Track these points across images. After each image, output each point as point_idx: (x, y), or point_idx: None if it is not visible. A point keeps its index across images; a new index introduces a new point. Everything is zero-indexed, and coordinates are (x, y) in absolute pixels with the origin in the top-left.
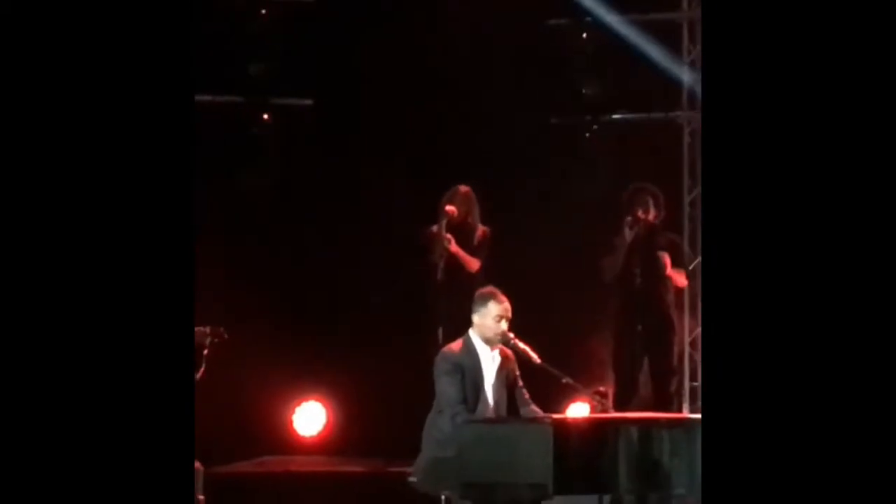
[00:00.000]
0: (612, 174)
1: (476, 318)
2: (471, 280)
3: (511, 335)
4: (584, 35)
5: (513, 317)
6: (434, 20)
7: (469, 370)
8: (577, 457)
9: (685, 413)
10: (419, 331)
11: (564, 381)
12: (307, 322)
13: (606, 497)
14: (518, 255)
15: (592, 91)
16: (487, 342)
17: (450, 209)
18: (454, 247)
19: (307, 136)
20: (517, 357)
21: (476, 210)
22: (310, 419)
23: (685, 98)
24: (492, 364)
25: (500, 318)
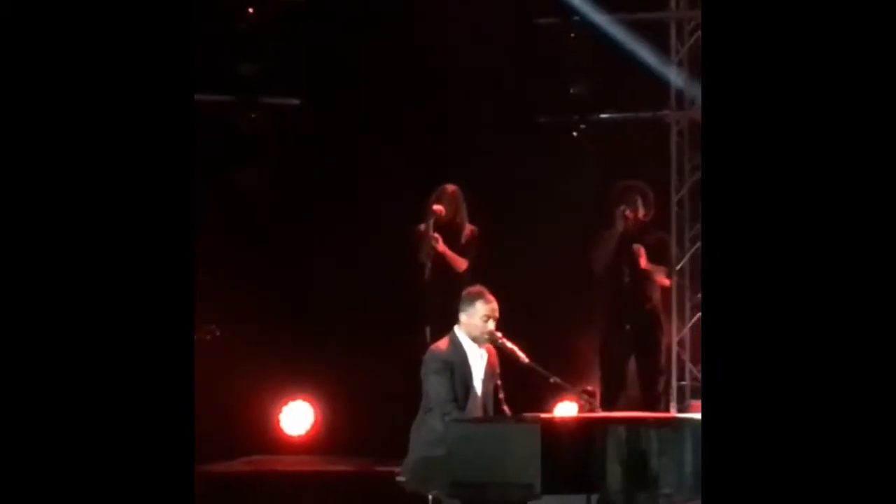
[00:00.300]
0: (600, 173)
1: (463, 318)
2: (458, 279)
3: (499, 334)
4: (573, 34)
5: (500, 316)
6: (423, 20)
7: (458, 368)
8: (565, 456)
9: (673, 412)
10: (407, 330)
11: (552, 381)
12: (295, 321)
13: (594, 496)
14: (506, 255)
15: (580, 90)
16: (475, 340)
17: (437, 208)
18: (442, 246)
19: (296, 136)
20: (505, 356)
21: (463, 209)
22: (297, 418)
23: (673, 97)
24: (480, 361)
25: (488, 318)
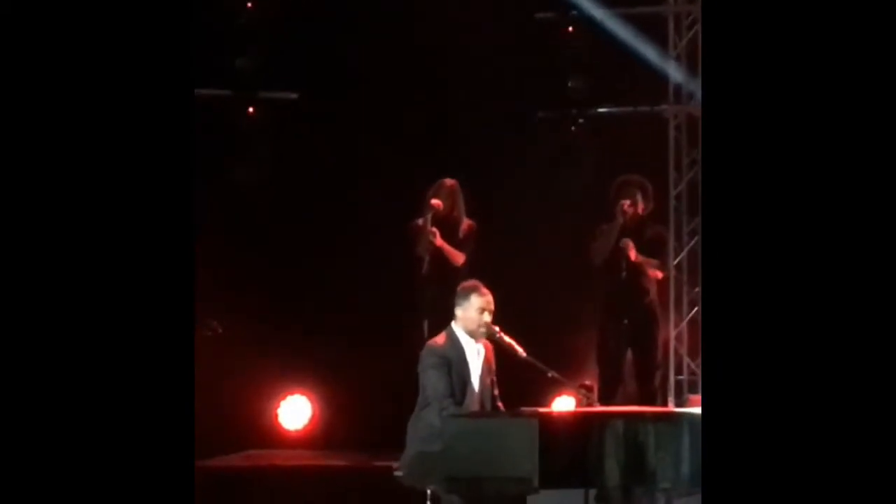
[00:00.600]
0: (598, 168)
1: (459, 312)
2: (456, 273)
3: (496, 329)
4: (571, 29)
5: (498, 310)
6: (422, 15)
7: (455, 363)
8: (563, 451)
9: (670, 407)
10: (404, 324)
11: (550, 375)
12: (292, 316)
13: (592, 491)
14: (503, 249)
15: (578, 85)
16: (471, 335)
17: (435, 203)
18: (439, 240)
19: (293, 130)
20: (503, 351)
21: (461, 203)
22: (295, 413)
23: (671, 92)
24: (477, 356)
25: (483, 311)
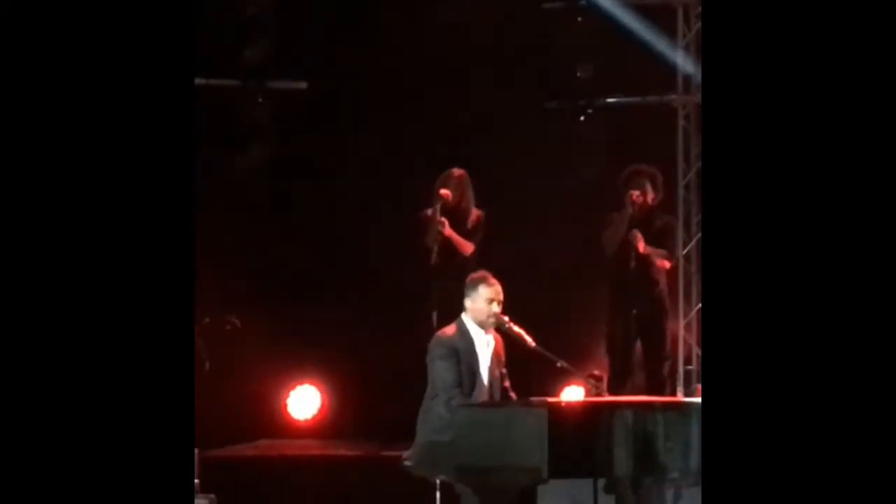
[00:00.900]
0: (607, 158)
1: (468, 303)
2: (465, 263)
3: (506, 319)
4: (579, 19)
5: (507, 300)
6: (430, 4)
7: (464, 354)
8: (572, 440)
9: (679, 396)
10: (413, 314)
11: (559, 365)
12: (302, 306)
13: (601, 480)
14: (512, 239)
15: (587, 75)
16: (481, 325)
17: (444, 193)
18: (448, 230)
19: (302, 120)
20: (512, 341)
21: (470, 193)
22: (304, 403)
23: (680, 81)
24: (486, 348)
25: (492, 301)
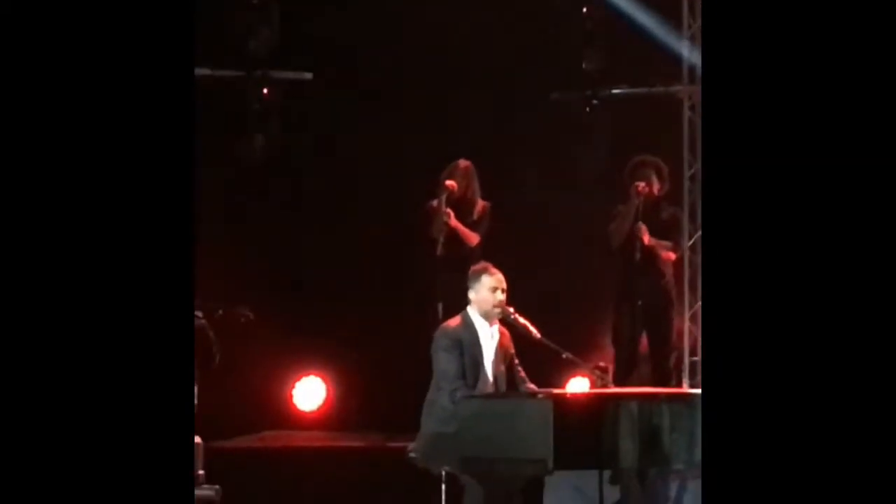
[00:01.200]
0: (612, 149)
1: (472, 295)
2: (470, 254)
3: (511, 310)
4: (584, 9)
5: (512, 292)
6: None
7: (468, 346)
8: (578, 432)
9: (685, 388)
10: (419, 305)
11: (564, 357)
12: (307, 298)
13: (606, 472)
14: (518, 230)
15: (592, 66)
16: (486, 317)
17: (450, 184)
18: (454, 221)
19: (307, 110)
20: (517, 332)
21: (476, 185)
22: (309, 394)
23: (685, 72)
24: (490, 340)
25: (495, 289)
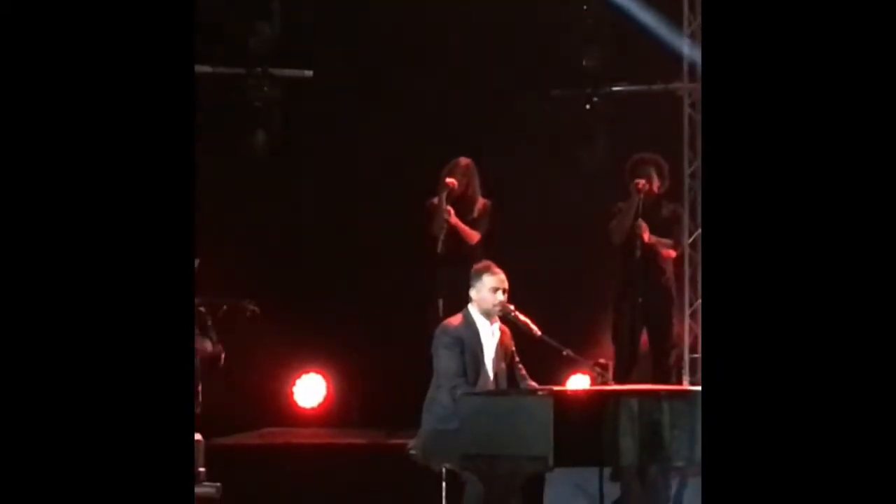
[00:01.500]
0: (613, 146)
1: (473, 293)
2: (471, 252)
3: (511, 307)
4: (585, 6)
5: (513, 289)
6: None
7: (469, 344)
8: (578, 429)
9: (685, 385)
10: (419, 303)
11: (565, 354)
12: (307, 294)
13: (607, 469)
14: (518, 228)
15: (592, 63)
16: (487, 315)
17: (450, 181)
18: (454, 219)
19: (308, 108)
20: (517, 330)
21: (476, 182)
22: (310, 391)
23: (686, 70)
24: (491, 338)
25: (496, 290)
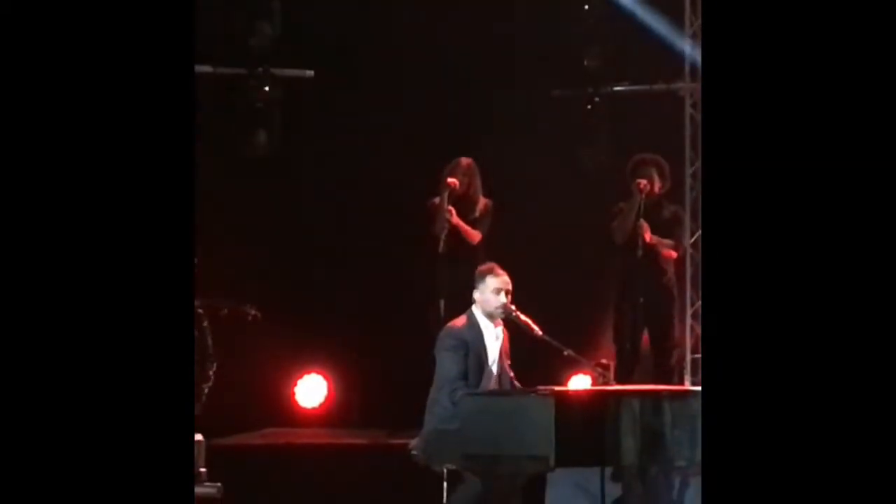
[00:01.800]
0: (614, 146)
1: (477, 295)
2: (472, 252)
3: (513, 308)
4: (586, 6)
5: (515, 289)
6: None
7: (473, 346)
8: (579, 429)
9: (687, 385)
10: (421, 303)
11: (566, 354)
12: (308, 295)
13: (608, 469)
14: (519, 228)
15: (594, 63)
16: (489, 317)
17: (452, 181)
18: (456, 219)
19: (309, 108)
20: (518, 330)
21: (478, 182)
22: (311, 391)
23: (687, 70)
24: (495, 341)
25: (500, 292)
